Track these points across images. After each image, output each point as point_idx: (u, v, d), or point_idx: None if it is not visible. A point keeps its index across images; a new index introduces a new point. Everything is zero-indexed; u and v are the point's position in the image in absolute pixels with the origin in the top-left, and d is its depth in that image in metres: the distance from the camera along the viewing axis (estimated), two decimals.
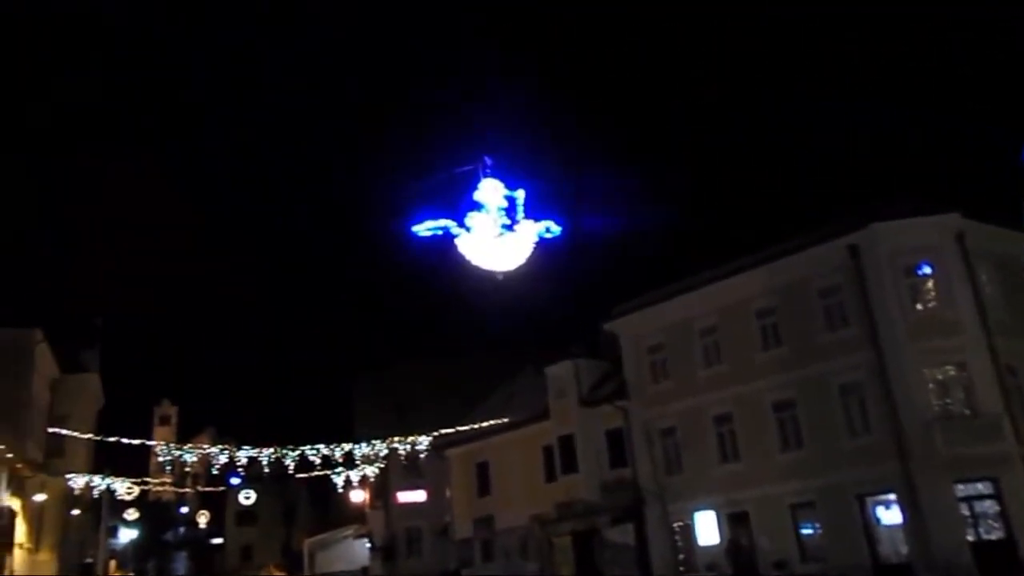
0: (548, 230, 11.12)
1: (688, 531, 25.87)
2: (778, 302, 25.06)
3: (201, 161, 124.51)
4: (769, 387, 24.75)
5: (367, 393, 41.82)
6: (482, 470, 33.80)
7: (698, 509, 25.60)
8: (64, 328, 35.21)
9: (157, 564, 63.26)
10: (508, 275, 11.34)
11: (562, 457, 29.30)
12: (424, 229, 10.87)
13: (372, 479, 34.63)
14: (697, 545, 25.57)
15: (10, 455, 27.66)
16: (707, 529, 25.40)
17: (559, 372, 30.00)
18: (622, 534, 26.43)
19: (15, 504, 29.76)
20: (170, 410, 79.29)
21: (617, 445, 28.20)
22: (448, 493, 35.88)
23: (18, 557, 30.01)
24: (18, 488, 30.29)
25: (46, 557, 33.81)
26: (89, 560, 41.35)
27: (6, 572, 27.92)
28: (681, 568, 24.47)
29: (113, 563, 56.49)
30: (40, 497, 32.47)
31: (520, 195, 10.98)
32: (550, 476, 30.14)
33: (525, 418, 31.50)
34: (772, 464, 24.36)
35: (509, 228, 10.96)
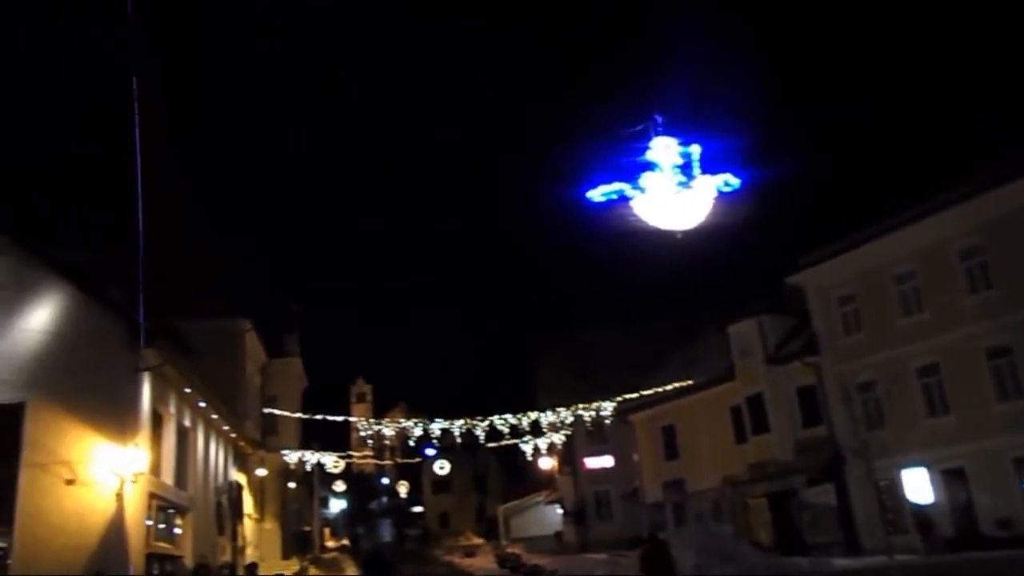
0: (726, 184, 10.65)
1: (895, 489, 24.38)
2: (985, 241, 22.88)
3: (378, 140, 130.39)
4: (981, 333, 22.72)
5: (549, 362, 42.45)
6: (668, 433, 33.50)
7: (906, 466, 24.06)
8: (267, 316, 38.17)
9: (366, 531, 67.78)
10: (687, 233, 11.00)
11: (752, 417, 28.45)
12: (599, 194, 10.72)
13: (559, 446, 35.30)
14: (907, 504, 24.08)
15: (233, 434, 30.44)
16: (917, 487, 23.85)
17: (743, 330, 29.03)
18: (821, 494, 25.33)
19: (241, 479, 32.84)
20: (365, 388, 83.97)
21: (810, 402, 26.97)
22: (635, 457, 35.87)
23: (248, 526, 33.15)
24: (242, 464, 33.40)
25: (270, 525, 37.14)
26: (307, 528, 44.89)
27: (238, 541, 30.81)
28: (890, 528, 23.11)
29: (327, 531, 61.23)
30: (261, 472, 35.67)
31: (695, 150, 10.58)
32: (740, 437, 29.38)
33: (710, 379, 30.81)
34: (989, 416, 22.43)
35: (685, 185, 10.60)
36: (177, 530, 23.04)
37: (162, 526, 21.62)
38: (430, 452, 57.83)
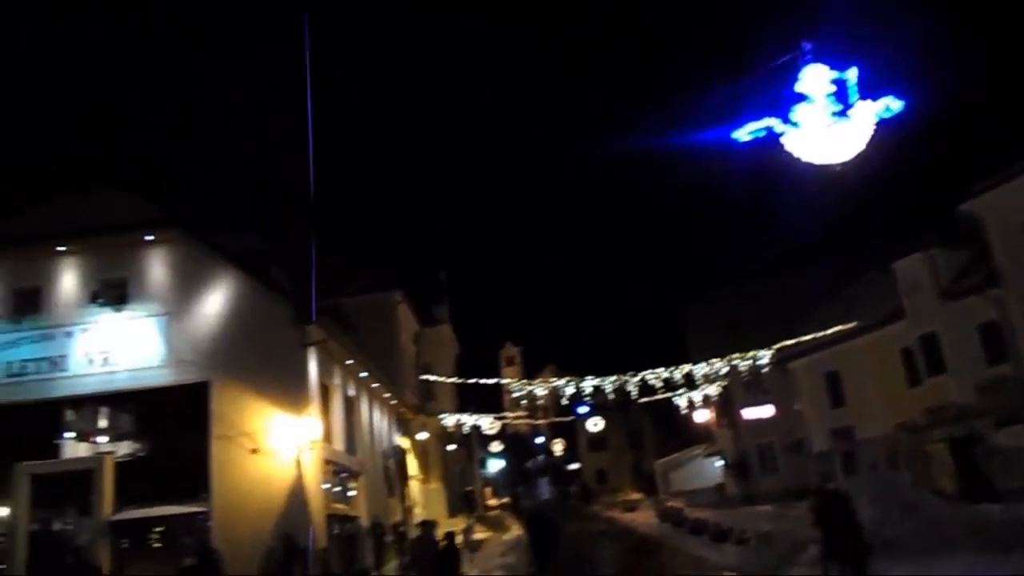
0: (887, 109, 9.81)
1: None
2: None
3: (514, 98, 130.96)
4: None
5: (698, 314, 41.53)
6: (832, 380, 32.02)
7: None
8: (416, 287, 39.43)
9: (525, 490, 69.42)
10: (845, 167, 10.28)
11: (926, 358, 26.66)
12: (745, 133, 10.17)
13: (715, 398, 34.54)
14: None
15: (394, 401, 31.80)
16: None
17: (911, 266, 27.09)
18: (1012, 437, 23.42)
19: (404, 443, 34.33)
20: (513, 351, 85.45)
21: (993, 340, 24.86)
22: (797, 406, 34.59)
23: (414, 487, 34.69)
24: (404, 429, 34.88)
25: (435, 486, 38.69)
26: (469, 488, 46.44)
27: (407, 501, 32.30)
28: None
29: (488, 490, 63.17)
30: (422, 435, 37.14)
31: (851, 75, 9.80)
32: (913, 380, 27.63)
33: (876, 321, 29.09)
34: None
35: (842, 114, 9.87)
36: (351, 493, 24.40)
37: (337, 489, 22.95)
38: (583, 410, 58.31)
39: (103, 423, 20.88)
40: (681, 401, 33.00)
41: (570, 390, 29.65)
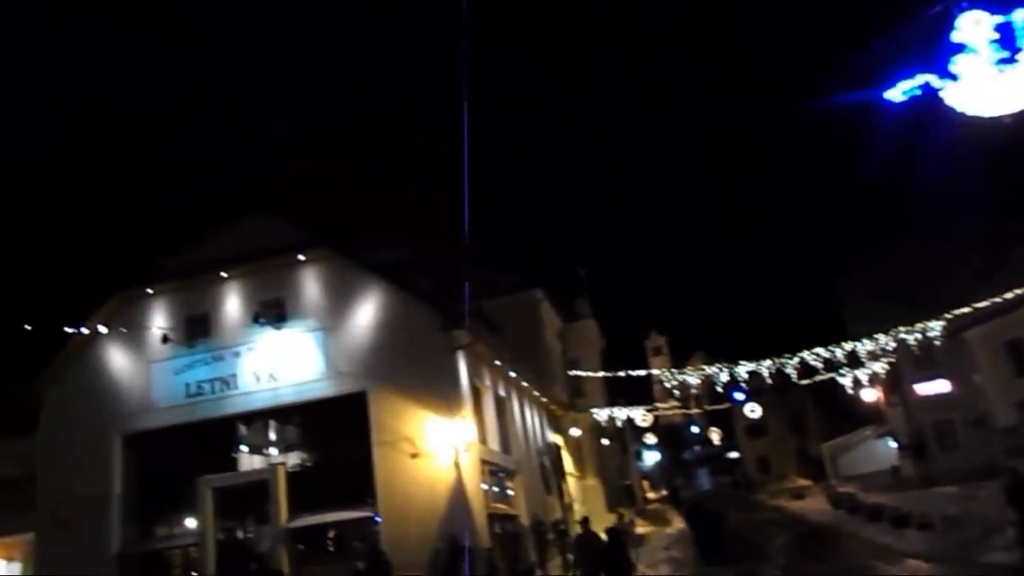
0: None
1: None
2: None
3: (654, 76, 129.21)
4: None
5: (856, 288, 39.23)
6: (1015, 348, 29.37)
7: None
8: (557, 283, 39.44)
9: (684, 481, 68.05)
10: (1015, 118, 9.31)
11: None
12: (899, 93, 9.41)
13: (882, 375, 32.52)
14: None
15: (544, 399, 31.91)
16: None
17: None
18: None
19: (557, 440, 34.40)
20: (659, 340, 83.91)
21: None
22: (976, 378, 31.99)
23: (571, 484, 34.68)
24: (556, 426, 34.95)
25: (592, 482, 38.52)
26: (628, 482, 46.01)
27: (565, 498, 32.30)
28: None
29: (646, 483, 62.41)
30: (575, 432, 37.08)
31: (1018, 17, 8.86)
32: None
33: None
34: None
35: (1008, 61, 8.94)
36: (510, 492, 24.64)
37: (496, 489, 23.23)
38: (739, 396, 56.45)
39: (272, 436, 22.17)
40: (845, 380, 31.29)
41: (724, 376, 28.79)
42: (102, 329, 22.20)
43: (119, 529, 21.49)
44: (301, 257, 21.88)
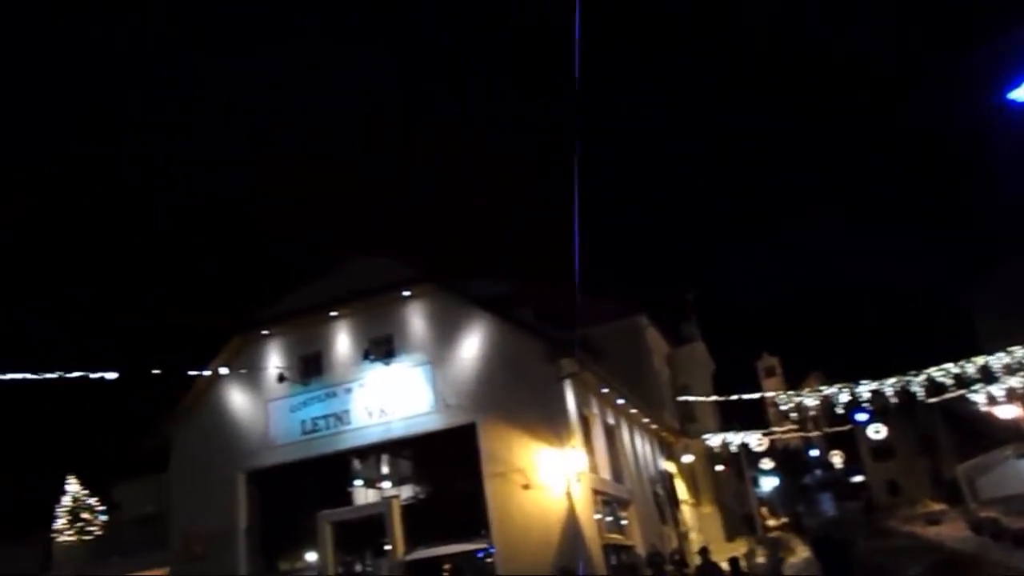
0: None
1: None
2: None
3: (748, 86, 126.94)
4: None
5: (986, 298, 36.88)
6: None
7: None
8: (662, 307, 38.79)
9: (806, 507, 65.14)
10: None
11: None
12: None
13: (1020, 390, 30.27)
14: None
15: (654, 426, 31.28)
16: None
17: None
18: None
19: (670, 467, 33.59)
20: (772, 361, 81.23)
21: None
22: None
23: (686, 512, 33.74)
24: (667, 453, 34.17)
25: (708, 510, 37.38)
26: (747, 510, 44.40)
27: (680, 527, 31.43)
28: None
29: (765, 510, 60.04)
30: (687, 458, 36.14)
31: None
32: None
33: None
34: None
35: None
36: (624, 521, 24.18)
37: (610, 519, 22.84)
38: (861, 417, 53.83)
39: (385, 469, 22.56)
40: (978, 397, 29.28)
41: (844, 397, 27.48)
42: (223, 371, 23.20)
43: (246, 563, 22.23)
44: (406, 293, 22.31)
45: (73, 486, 28.77)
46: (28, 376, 16.15)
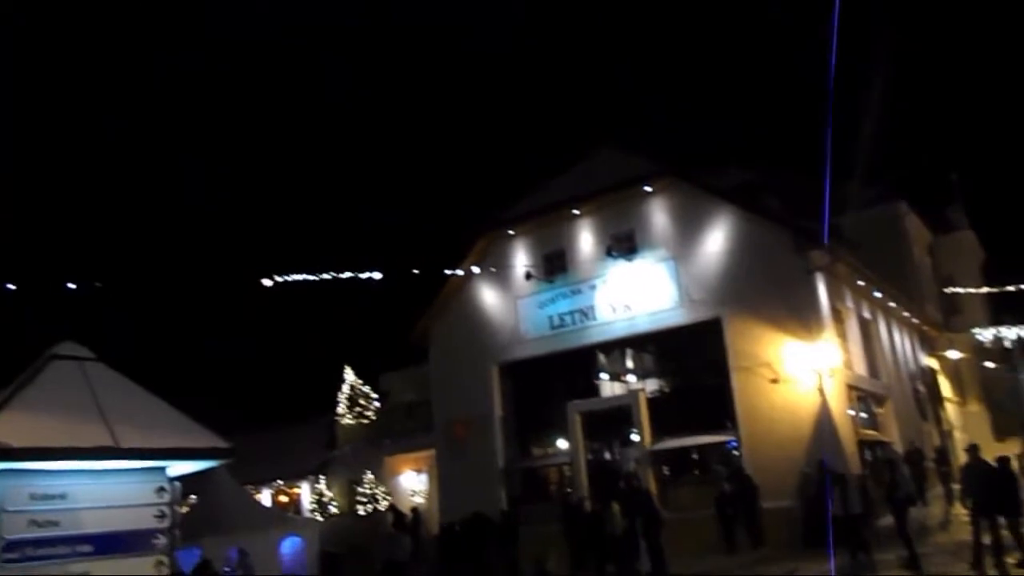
0: None
1: None
2: None
3: None
4: None
5: None
6: None
7: None
8: (924, 193, 35.37)
9: None
10: None
11: None
12: None
13: None
14: None
15: (914, 320, 29.16)
16: None
17: None
18: None
19: (932, 363, 31.33)
20: None
21: None
22: None
23: (949, 410, 31.54)
24: (929, 348, 31.82)
25: (975, 409, 34.59)
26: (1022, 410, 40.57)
27: (943, 425, 29.51)
28: None
29: None
30: (952, 354, 33.41)
31: None
32: None
33: None
34: None
35: None
36: (879, 418, 23.15)
37: (864, 415, 21.98)
38: None
39: (630, 363, 23.07)
40: None
41: None
42: (474, 269, 24.63)
43: (502, 448, 24.04)
44: (648, 188, 22.11)
45: (350, 375, 32.29)
46: (309, 277, 18.07)
